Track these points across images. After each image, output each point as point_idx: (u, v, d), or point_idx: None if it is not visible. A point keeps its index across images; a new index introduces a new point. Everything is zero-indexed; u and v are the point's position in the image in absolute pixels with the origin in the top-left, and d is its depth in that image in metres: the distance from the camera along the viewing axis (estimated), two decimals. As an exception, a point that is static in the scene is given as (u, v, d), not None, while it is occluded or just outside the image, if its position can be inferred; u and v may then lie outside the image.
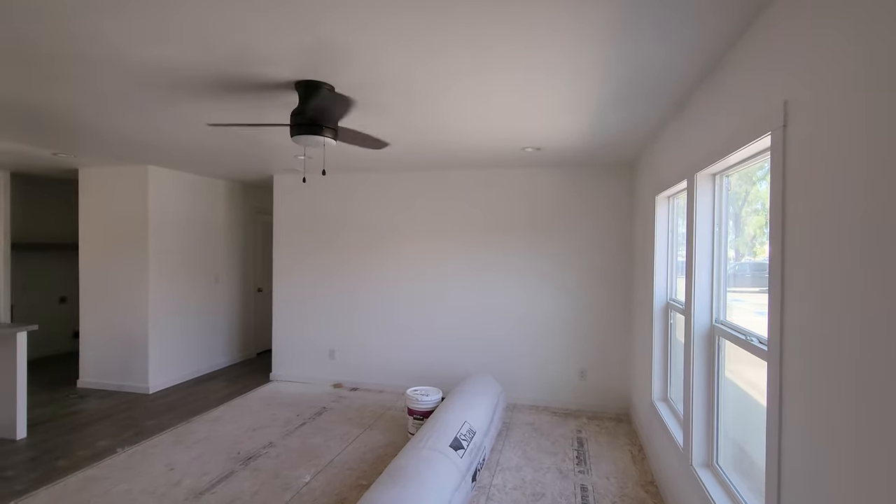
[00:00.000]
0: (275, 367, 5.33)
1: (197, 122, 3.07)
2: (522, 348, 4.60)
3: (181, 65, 2.09)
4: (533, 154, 3.94)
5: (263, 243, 6.60)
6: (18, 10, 1.62)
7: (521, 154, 3.95)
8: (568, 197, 4.50)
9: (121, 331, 4.87)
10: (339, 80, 2.26)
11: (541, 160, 4.20)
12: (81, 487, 2.89)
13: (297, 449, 3.47)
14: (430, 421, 3.01)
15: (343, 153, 4.04)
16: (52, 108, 2.77)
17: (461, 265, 4.76)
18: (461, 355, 4.76)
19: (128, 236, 4.84)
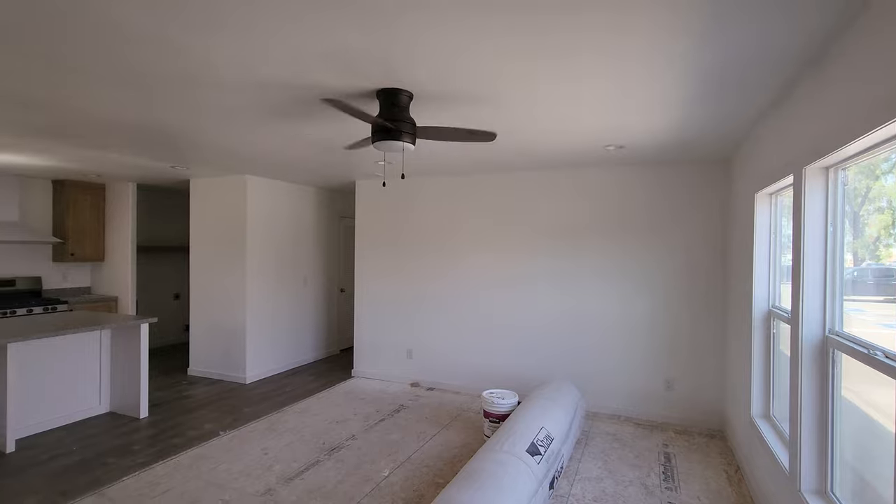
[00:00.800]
0: (356, 364, 5.58)
1: (288, 135, 3.31)
2: (604, 355, 4.42)
3: (274, 82, 2.27)
4: (615, 153, 3.78)
5: (346, 246, 6.95)
6: (141, 43, 1.85)
7: (602, 153, 3.80)
8: (653, 196, 4.26)
9: (223, 325, 5.37)
10: (417, 85, 2.32)
11: (624, 158, 4.02)
12: (191, 464, 3.22)
13: (376, 443, 3.60)
14: (506, 424, 2.98)
15: (420, 158, 4.15)
16: (168, 127, 3.13)
17: (539, 268, 4.68)
18: (538, 360, 4.67)
19: (229, 240, 5.33)
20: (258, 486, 2.94)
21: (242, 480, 3.01)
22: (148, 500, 2.77)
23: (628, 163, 4.21)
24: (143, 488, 2.90)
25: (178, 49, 1.93)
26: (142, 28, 1.74)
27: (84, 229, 5.89)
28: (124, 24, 1.71)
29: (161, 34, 1.79)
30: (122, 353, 4.23)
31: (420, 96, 2.47)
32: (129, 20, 1.68)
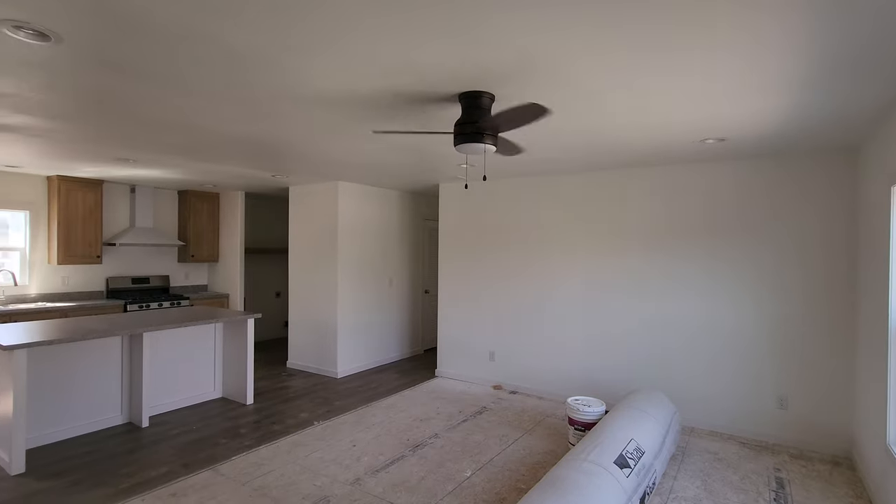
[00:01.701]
0: (439, 365, 5.68)
1: (377, 142, 3.47)
2: (702, 365, 4.07)
3: (362, 93, 2.39)
4: (714, 146, 3.48)
5: (430, 248, 7.11)
6: (253, 65, 2.05)
7: (698, 147, 3.52)
8: (759, 192, 3.85)
9: (317, 323, 5.74)
10: (499, 87, 2.32)
11: (724, 152, 3.68)
12: (289, 450, 3.48)
13: (459, 443, 3.63)
14: (592, 433, 2.86)
15: (502, 159, 4.12)
16: (271, 139, 3.42)
17: (628, 271, 4.43)
18: (627, 368, 4.42)
19: (322, 242, 5.70)
20: (348, 475, 3.10)
21: (333, 468, 3.19)
22: (253, 478, 3.04)
23: (725, 157, 3.84)
24: (249, 468, 3.19)
25: (283, 69, 2.10)
26: (255, 52, 1.93)
27: (202, 233, 6.63)
28: (241, 50, 1.90)
29: (269, 56, 1.97)
30: (231, 344, 4.70)
31: (502, 98, 2.46)
32: (245, 46, 1.87)
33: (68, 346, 3.71)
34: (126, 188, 6.09)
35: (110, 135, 3.37)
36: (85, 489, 2.91)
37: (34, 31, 1.76)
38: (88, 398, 3.83)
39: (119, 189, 6.02)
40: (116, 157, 4.19)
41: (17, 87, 2.40)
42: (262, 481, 3.01)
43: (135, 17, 1.66)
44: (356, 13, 1.62)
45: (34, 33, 1.78)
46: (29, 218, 5.33)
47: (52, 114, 2.86)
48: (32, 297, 5.33)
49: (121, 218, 6.05)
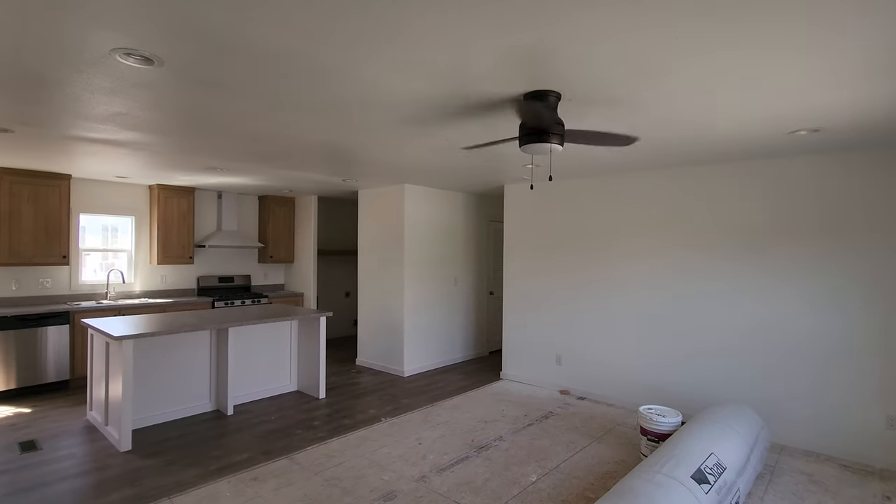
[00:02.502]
0: (504, 367, 5.64)
1: (441, 145, 3.52)
2: (794, 378, 3.73)
3: (429, 97, 2.44)
4: (806, 138, 3.17)
5: (495, 249, 7.09)
6: (329, 76, 2.16)
7: (787, 140, 3.23)
8: (861, 187, 3.46)
9: (384, 322, 5.92)
10: (566, 85, 2.27)
11: (818, 145, 3.35)
12: (358, 444, 3.62)
13: (524, 447, 3.59)
14: (667, 445, 2.71)
15: (569, 158, 4.03)
16: (341, 145, 3.58)
17: (707, 274, 4.16)
18: (707, 378, 4.15)
19: (389, 244, 5.86)
20: (413, 471, 3.17)
21: (400, 464, 3.28)
22: (325, 469, 3.19)
23: (824, 149, 3.48)
24: (321, 458, 3.35)
25: (357, 79, 2.20)
26: (333, 65, 2.03)
27: (279, 236, 7.07)
28: (320, 64, 2.01)
29: (345, 68, 2.07)
30: (305, 341, 4.96)
31: (568, 96, 2.41)
32: (324, 61, 1.98)
33: (166, 338, 4.11)
34: (214, 194, 6.63)
35: (202, 146, 3.70)
36: (180, 468, 3.20)
37: (141, 56, 1.97)
38: (182, 386, 4.21)
39: (208, 195, 6.57)
40: (207, 166, 4.58)
41: (127, 107, 2.70)
42: (333, 472, 3.15)
43: (227, 40, 1.81)
44: (426, 23, 1.66)
45: (141, 58, 2.00)
46: (134, 223, 5.96)
47: (155, 129, 3.18)
48: (137, 294, 5.96)
49: (209, 222, 6.60)
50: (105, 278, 5.72)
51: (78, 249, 5.52)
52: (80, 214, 5.53)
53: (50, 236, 5.04)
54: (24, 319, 4.70)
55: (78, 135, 3.36)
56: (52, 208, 5.04)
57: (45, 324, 4.81)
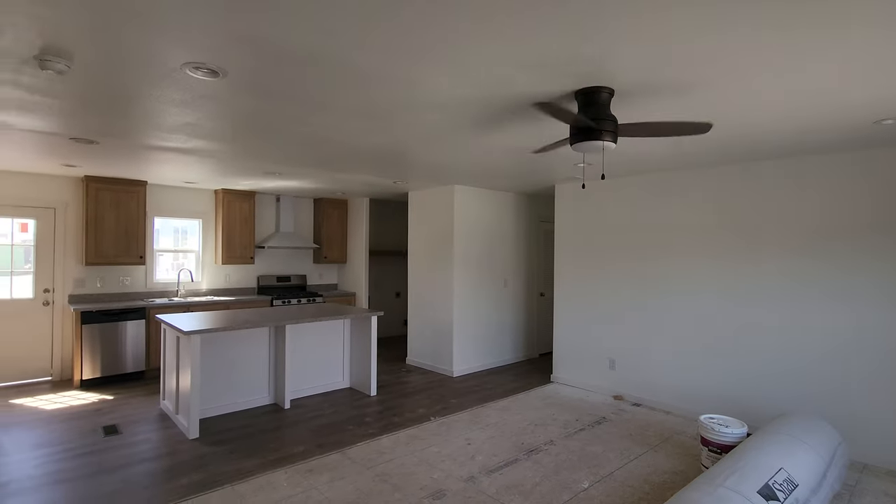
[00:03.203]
0: (555, 370, 5.53)
1: (489, 144, 3.51)
2: (879, 391, 3.41)
3: (478, 98, 2.44)
4: (892, 127, 2.89)
5: (545, 250, 6.97)
6: (380, 82, 2.21)
7: (869, 131, 2.95)
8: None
9: (434, 322, 5.97)
10: (619, 80, 2.19)
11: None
12: (407, 442, 3.67)
13: (576, 452, 3.50)
14: (730, 457, 2.56)
15: (622, 156, 3.89)
16: (392, 147, 3.65)
17: (776, 277, 3.89)
18: (776, 388, 3.87)
19: (439, 245, 5.91)
20: (462, 472, 3.18)
21: (448, 464, 3.29)
22: (376, 465, 3.26)
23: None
24: (372, 454, 3.43)
25: (406, 83, 2.24)
26: (382, 71, 2.08)
27: (333, 237, 7.31)
28: (372, 70, 2.07)
29: (394, 74, 2.11)
30: (358, 339, 5.10)
31: (622, 92, 2.33)
32: (376, 67, 2.03)
33: (230, 334, 4.35)
34: (272, 198, 6.95)
35: (262, 152, 3.89)
36: (241, 457, 3.38)
37: (208, 69, 2.11)
38: (244, 380, 4.44)
39: (267, 199, 6.90)
40: (266, 170, 4.82)
41: (195, 117, 2.89)
42: (383, 468, 3.21)
43: (285, 51, 1.90)
44: (472, 21, 1.66)
45: (208, 71, 2.13)
46: (201, 225, 6.36)
47: (220, 137, 3.39)
48: (203, 292, 6.35)
49: (268, 224, 6.93)
50: (176, 277, 6.15)
51: (153, 250, 5.96)
52: (154, 218, 5.98)
53: (129, 238, 5.48)
54: (108, 314, 5.13)
55: (153, 144, 3.63)
56: (130, 212, 5.48)
57: (125, 318, 5.24)
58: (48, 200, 5.25)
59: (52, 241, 5.30)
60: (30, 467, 3.19)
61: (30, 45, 1.90)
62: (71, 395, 4.76)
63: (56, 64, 2.04)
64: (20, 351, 5.13)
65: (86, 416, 4.18)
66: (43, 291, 5.26)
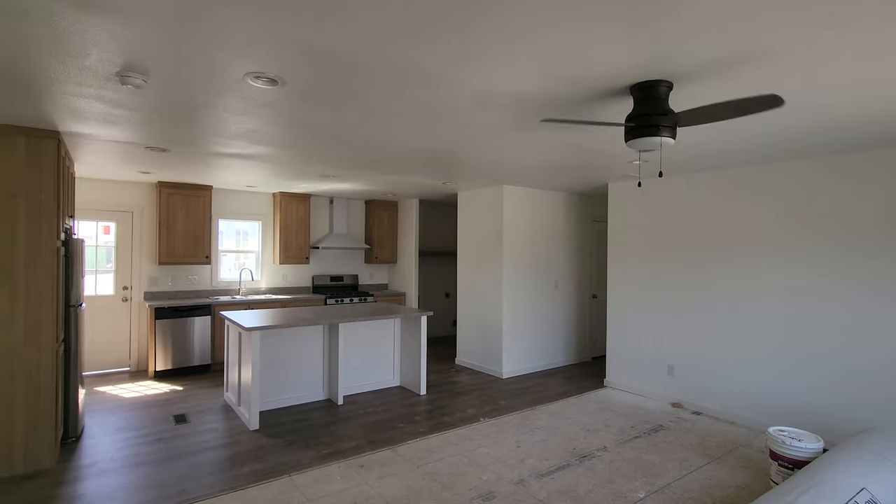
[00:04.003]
0: (609, 375, 5.36)
1: (541, 143, 3.45)
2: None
3: (528, 96, 2.40)
4: None
5: (598, 251, 6.78)
6: (432, 83, 2.23)
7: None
8: None
9: (483, 323, 5.95)
10: (680, 71, 2.09)
11: None
12: (457, 441, 3.68)
13: (631, 460, 3.38)
14: (804, 473, 2.38)
15: (681, 151, 3.71)
16: (442, 148, 3.68)
17: (858, 279, 3.57)
18: (856, 401, 3.56)
19: (488, 245, 5.88)
20: (512, 474, 3.14)
21: (498, 466, 3.27)
22: (426, 463, 3.29)
23: None
24: (422, 453, 3.46)
25: (457, 82, 2.25)
26: (439, 72, 2.10)
27: (383, 238, 7.45)
28: (423, 71, 2.10)
29: (446, 73, 2.13)
30: (408, 338, 5.17)
31: (682, 84, 2.22)
32: (432, 68, 2.06)
33: (286, 331, 4.54)
34: (326, 200, 7.19)
35: (317, 156, 4.03)
36: (298, 449, 3.52)
37: (267, 78, 2.21)
38: (300, 375, 4.62)
39: (321, 201, 7.15)
40: (321, 174, 4.99)
41: (256, 124, 3.04)
42: (433, 467, 3.24)
43: (340, 57, 1.96)
44: (529, 17, 1.64)
45: (267, 80, 2.23)
46: (261, 227, 6.68)
47: (278, 143, 3.54)
48: (263, 290, 6.67)
49: (322, 225, 7.17)
50: (238, 276, 6.49)
51: (217, 251, 6.33)
52: (218, 220, 6.34)
53: (196, 239, 5.84)
54: (178, 310, 5.50)
55: (217, 150, 3.86)
56: (197, 215, 5.84)
57: (193, 314, 5.59)
58: (126, 205, 5.70)
59: (129, 242, 5.75)
60: (112, 450, 3.47)
61: (112, 63, 2.07)
62: (146, 385, 5.14)
63: (134, 79, 2.21)
64: (103, 343, 5.60)
65: (159, 404, 4.50)
66: (122, 289, 5.72)
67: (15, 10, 1.62)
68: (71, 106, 2.68)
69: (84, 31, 1.76)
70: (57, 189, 3.22)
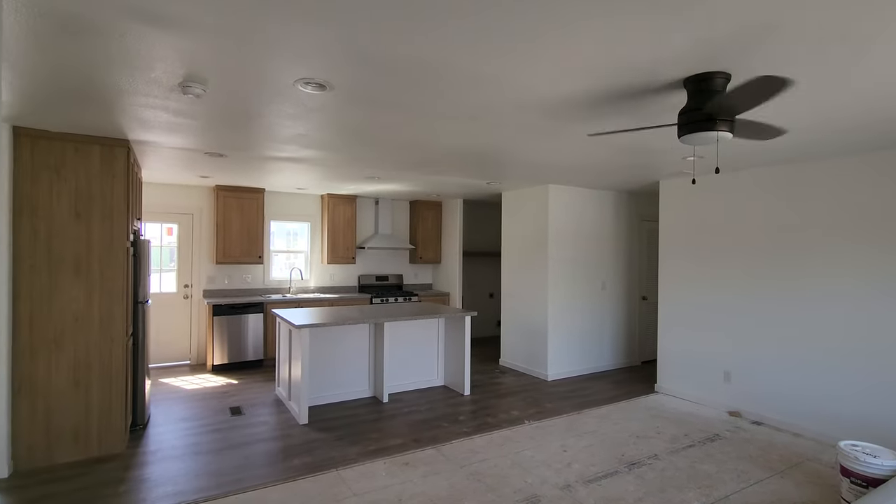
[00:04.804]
0: (660, 380, 5.16)
1: (587, 142, 3.36)
2: None
3: (576, 92, 2.35)
4: None
5: (648, 251, 6.54)
6: (476, 83, 2.23)
7: None
8: None
9: (528, 324, 5.88)
10: (735, 63, 1.98)
11: None
12: (501, 443, 3.65)
13: (684, 470, 3.23)
14: (880, 492, 2.19)
15: (740, 146, 3.52)
16: (486, 148, 3.66)
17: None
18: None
19: (533, 245, 5.80)
20: (558, 479, 3.08)
21: (543, 469, 3.22)
22: (470, 463, 3.29)
23: None
24: (466, 453, 3.46)
25: (503, 83, 2.23)
26: (486, 71, 2.10)
27: (428, 238, 7.51)
28: (477, 72, 2.10)
29: (492, 74, 2.12)
30: (452, 338, 5.18)
31: (741, 75, 2.10)
32: (480, 68, 2.06)
33: (334, 329, 4.67)
34: (372, 201, 7.33)
35: (363, 157, 4.12)
36: (345, 444, 3.61)
37: (316, 83, 2.28)
38: (346, 372, 4.74)
39: (367, 202, 7.30)
40: (367, 175, 5.09)
41: (306, 128, 3.14)
42: (477, 468, 3.23)
43: (385, 61, 1.99)
44: (574, 11, 1.60)
45: (316, 85, 2.30)
46: (309, 228, 6.90)
47: (326, 146, 3.65)
48: (311, 289, 6.89)
49: (368, 226, 7.32)
50: (288, 275, 6.74)
51: (269, 251, 6.60)
52: (270, 221, 6.61)
53: (250, 240, 6.12)
54: (233, 308, 5.78)
55: (270, 155, 4.02)
56: (251, 217, 6.12)
57: (247, 312, 5.86)
58: (187, 207, 6.05)
59: (190, 243, 6.10)
60: (175, 438, 3.69)
61: (175, 75, 2.20)
62: (204, 378, 5.43)
63: (195, 89, 2.34)
64: (167, 337, 5.97)
65: (216, 396, 4.75)
66: (183, 286, 6.07)
67: (92, 30, 1.76)
68: (139, 116, 2.87)
69: (151, 45, 1.89)
70: (127, 193, 3.46)
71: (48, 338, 3.21)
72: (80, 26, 1.73)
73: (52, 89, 2.41)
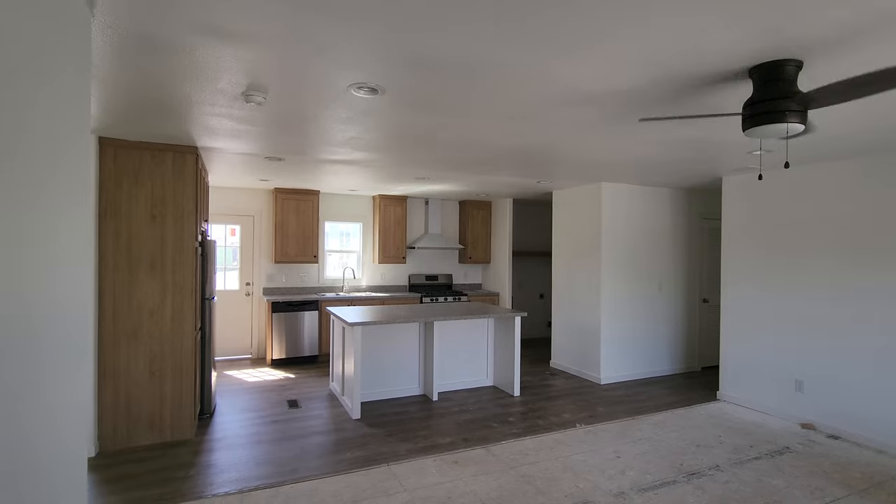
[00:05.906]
0: (722, 387, 4.88)
1: (642, 137, 3.24)
2: None
3: (628, 86, 2.27)
4: None
5: (710, 251, 6.20)
6: (525, 80, 2.21)
7: None
8: None
9: (580, 325, 5.74)
10: (810, 51, 1.84)
11: None
12: (552, 446, 3.59)
13: (749, 484, 3.04)
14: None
15: (812, 137, 3.26)
16: (536, 146, 3.61)
17: None
18: None
19: (585, 245, 5.66)
20: (611, 485, 2.99)
21: (596, 475, 3.13)
22: (519, 465, 3.26)
23: None
24: (516, 454, 3.43)
25: (551, 79, 2.20)
26: (528, 70, 2.09)
27: (477, 238, 7.51)
28: (528, 70, 2.09)
29: (540, 71, 2.09)
30: (501, 338, 5.15)
31: (815, 62, 1.95)
32: (532, 66, 2.04)
33: (385, 327, 4.77)
34: (422, 201, 7.42)
35: (413, 159, 4.18)
36: (396, 441, 3.68)
37: (369, 88, 2.34)
38: (397, 370, 4.82)
39: (416, 202, 7.39)
40: (416, 176, 5.16)
41: (358, 132, 3.23)
42: (527, 469, 3.19)
43: (435, 63, 2.02)
44: (634, 16, 1.56)
45: (369, 90, 2.37)
46: (361, 228, 7.09)
47: (378, 148, 3.73)
48: (363, 288, 7.07)
49: (418, 226, 7.42)
50: (341, 274, 6.96)
51: (323, 250, 6.84)
52: (324, 222, 6.85)
53: (306, 240, 6.37)
54: (290, 305, 6.04)
55: (324, 158, 4.17)
56: (307, 218, 6.36)
57: (303, 309, 6.10)
58: (248, 209, 6.39)
59: (251, 243, 6.43)
60: (238, 427, 3.91)
61: (238, 85, 2.33)
62: (264, 371, 5.72)
63: (256, 97, 2.47)
64: (230, 333, 6.33)
65: (275, 389, 4.98)
66: (245, 284, 6.41)
67: (167, 47, 1.90)
68: (206, 124, 3.06)
69: (218, 58, 2.01)
70: (196, 196, 3.70)
71: (127, 330, 3.50)
72: (156, 43, 1.87)
73: (132, 101, 2.62)
